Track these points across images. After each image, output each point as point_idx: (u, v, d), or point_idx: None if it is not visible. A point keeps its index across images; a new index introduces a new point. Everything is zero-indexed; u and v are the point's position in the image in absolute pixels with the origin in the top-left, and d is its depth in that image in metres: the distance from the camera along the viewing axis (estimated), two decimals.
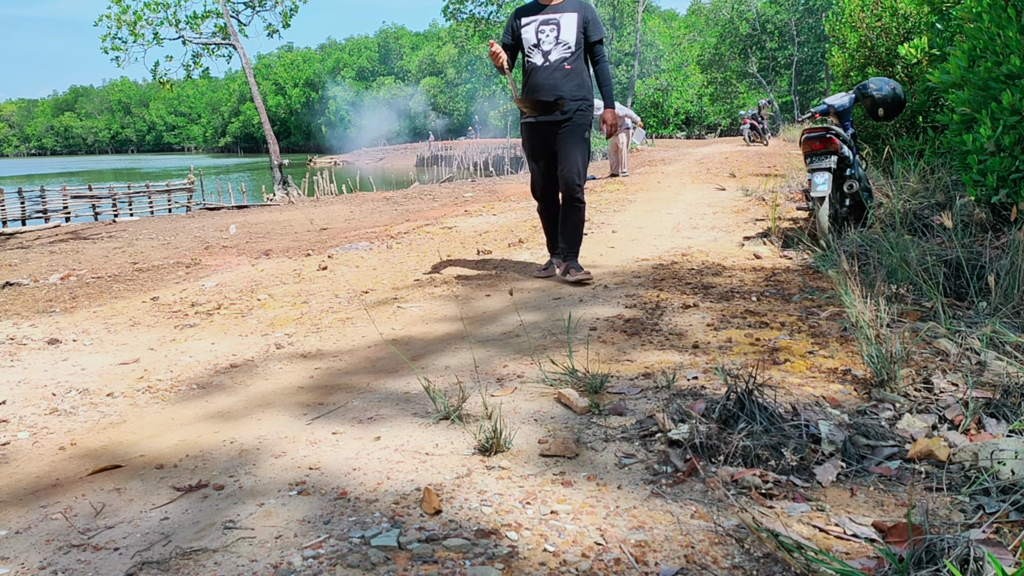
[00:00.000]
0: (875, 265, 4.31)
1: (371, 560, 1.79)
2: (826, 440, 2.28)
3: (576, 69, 4.97)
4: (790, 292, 4.49)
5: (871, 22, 8.60)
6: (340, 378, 3.28)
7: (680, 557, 1.79)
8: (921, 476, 2.12)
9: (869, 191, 5.92)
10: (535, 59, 5.01)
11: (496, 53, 4.92)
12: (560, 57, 4.95)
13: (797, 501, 2.02)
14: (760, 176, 12.29)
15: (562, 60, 4.95)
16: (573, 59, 4.96)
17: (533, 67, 5.03)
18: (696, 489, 2.12)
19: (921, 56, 7.11)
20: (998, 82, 4.47)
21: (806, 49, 41.96)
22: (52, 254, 8.88)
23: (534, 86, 5.01)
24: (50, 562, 1.90)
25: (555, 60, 4.96)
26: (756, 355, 3.27)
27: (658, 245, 6.58)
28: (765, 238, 6.48)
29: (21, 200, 23.24)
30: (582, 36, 4.96)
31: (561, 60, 4.95)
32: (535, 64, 5.02)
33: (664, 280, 5.04)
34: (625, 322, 4.00)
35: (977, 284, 3.80)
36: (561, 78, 4.95)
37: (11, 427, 2.90)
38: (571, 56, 4.95)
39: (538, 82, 5.00)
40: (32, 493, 2.32)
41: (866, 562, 1.70)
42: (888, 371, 2.73)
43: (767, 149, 21.63)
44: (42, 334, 4.37)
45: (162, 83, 28.01)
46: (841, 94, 6.02)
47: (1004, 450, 2.09)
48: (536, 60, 5.01)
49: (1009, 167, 4.42)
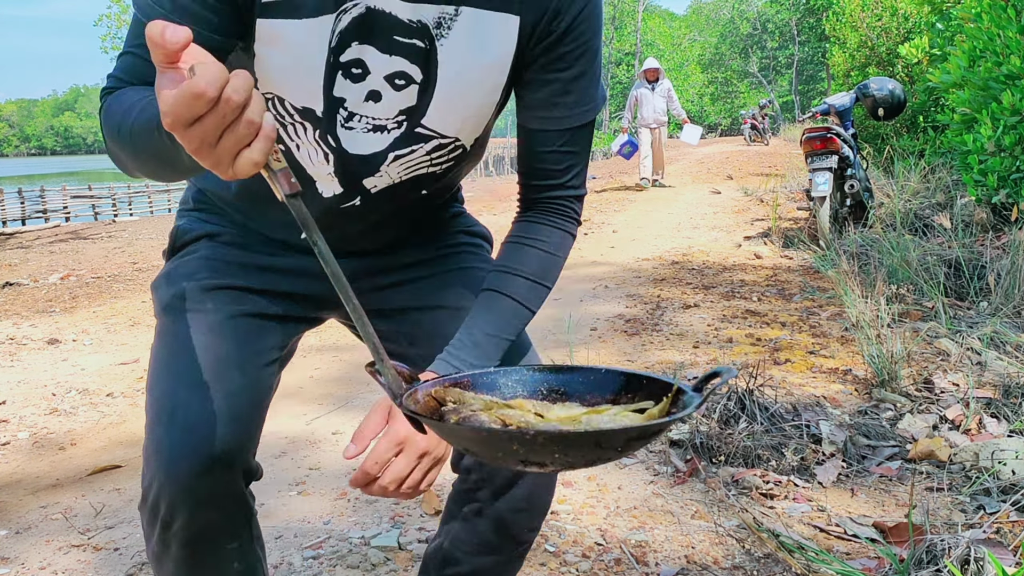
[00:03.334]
0: (876, 265, 4.31)
1: (371, 560, 1.79)
2: (827, 440, 2.27)
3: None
4: (791, 292, 4.49)
5: (871, 22, 8.60)
6: (341, 377, 3.28)
7: (680, 557, 1.79)
8: (922, 476, 2.12)
9: (870, 191, 5.92)
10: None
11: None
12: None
13: (798, 501, 2.02)
14: (761, 176, 12.29)
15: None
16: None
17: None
18: (697, 489, 2.11)
19: (921, 56, 7.11)
20: (998, 82, 4.47)
21: (807, 49, 41.97)
22: (52, 254, 8.88)
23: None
24: (50, 562, 1.90)
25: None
26: (757, 355, 3.27)
27: (658, 245, 6.58)
28: (766, 238, 6.48)
29: (21, 200, 23.24)
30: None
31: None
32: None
33: (664, 280, 5.04)
34: (626, 322, 3.99)
35: (978, 284, 3.79)
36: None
37: (11, 427, 2.90)
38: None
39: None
40: (32, 493, 2.32)
41: (867, 562, 1.70)
42: (889, 371, 2.73)
43: (768, 149, 21.64)
44: (42, 334, 4.36)
45: None
46: (842, 94, 6.02)
47: (1005, 450, 2.09)
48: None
49: (1009, 167, 4.42)
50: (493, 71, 1.04)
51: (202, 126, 0.66)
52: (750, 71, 44.76)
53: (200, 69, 0.65)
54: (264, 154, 0.70)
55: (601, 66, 1.12)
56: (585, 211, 5.29)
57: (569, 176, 1.11)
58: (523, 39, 1.03)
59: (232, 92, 0.66)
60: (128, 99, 0.89)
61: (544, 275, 1.12)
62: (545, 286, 1.12)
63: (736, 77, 46.44)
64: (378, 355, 0.81)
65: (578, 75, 1.06)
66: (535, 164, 1.11)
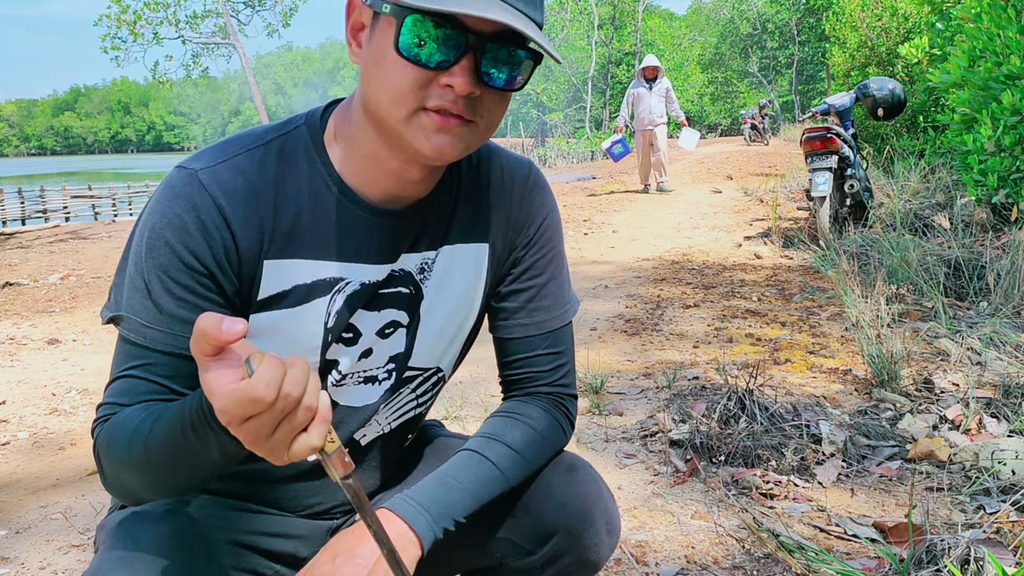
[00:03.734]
0: (875, 265, 4.31)
1: None
2: (827, 440, 2.27)
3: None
4: (791, 292, 4.49)
5: (871, 22, 8.60)
6: None
7: (680, 557, 1.79)
8: (922, 476, 2.12)
9: (870, 191, 5.92)
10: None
11: None
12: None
13: (798, 501, 2.02)
14: (761, 176, 12.29)
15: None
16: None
17: None
18: (697, 489, 2.11)
19: (921, 56, 7.11)
20: (998, 82, 4.47)
21: (807, 49, 41.97)
22: (52, 254, 8.88)
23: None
24: (50, 562, 1.90)
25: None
26: (757, 355, 3.27)
27: (658, 245, 6.58)
28: (766, 238, 6.48)
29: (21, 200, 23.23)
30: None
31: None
32: None
33: (664, 280, 5.04)
34: (626, 322, 4.00)
35: (977, 284, 3.79)
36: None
37: (11, 427, 2.90)
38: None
39: None
40: (32, 493, 2.32)
41: (867, 562, 1.70)
42: (889, 371, 2.73)
43: (768, 149, 21.64)
44: (42, 334, 4.36)
45: (162, 83, 28.04)
46: (842, 94, 6.02)
47: (1005, 450, 2.09)
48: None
49: (1009, 167, 4.42)
50: (471, 296, 1.09)
51: (259, 421, 0.67)
52: (750, 71, 44.76)
53: (258, 366, 0.65)
54: (322, 438, 0.69)
55: (568, 272, 1.16)
56: (585, 211, 5.31)
57: (559, 375, 1.12)
58: (493, 260, 1.09)
59: (291, 388, 0.66)
60: (132, 419, 0.85)
61: (527, 450, 1.07)
62: (527, 460, 1.06)
63: (736, 77, 46.44)
64: (399, 568, 0.79)
65: (549, 279, 1.12)
66: (522, 370, 1.12)
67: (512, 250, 1.10)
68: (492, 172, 1.08)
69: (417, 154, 0.90)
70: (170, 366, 0.89)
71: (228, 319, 0.65)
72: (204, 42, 27.52)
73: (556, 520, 1.05)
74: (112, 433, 0.87)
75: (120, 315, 0.90)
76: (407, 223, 1.01)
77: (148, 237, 0.90)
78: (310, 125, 0.98)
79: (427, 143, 0.87)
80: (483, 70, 0.86)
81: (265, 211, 0.93)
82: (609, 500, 1.08)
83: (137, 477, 0.85)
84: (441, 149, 0.88)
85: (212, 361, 0.66)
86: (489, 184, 1.08)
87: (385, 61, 0.87)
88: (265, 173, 0.94)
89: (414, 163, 0.93)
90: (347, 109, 0.97)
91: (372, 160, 0.95)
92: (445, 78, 0.85)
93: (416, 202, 1.00)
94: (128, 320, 0.90)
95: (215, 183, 0.91)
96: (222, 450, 0.76)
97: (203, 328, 0.64)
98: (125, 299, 0.90)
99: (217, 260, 0.90)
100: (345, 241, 0.97)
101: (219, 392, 0.65)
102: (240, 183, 0.92)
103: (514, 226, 1.09)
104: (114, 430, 0.87)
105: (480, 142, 0.92)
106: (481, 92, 0.87)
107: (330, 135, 0.98)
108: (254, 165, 0.94)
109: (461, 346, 1.13)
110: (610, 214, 8.87)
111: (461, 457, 1.05)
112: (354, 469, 0.73)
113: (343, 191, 0.96)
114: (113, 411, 0.89)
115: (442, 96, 0.86)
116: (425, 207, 1.01)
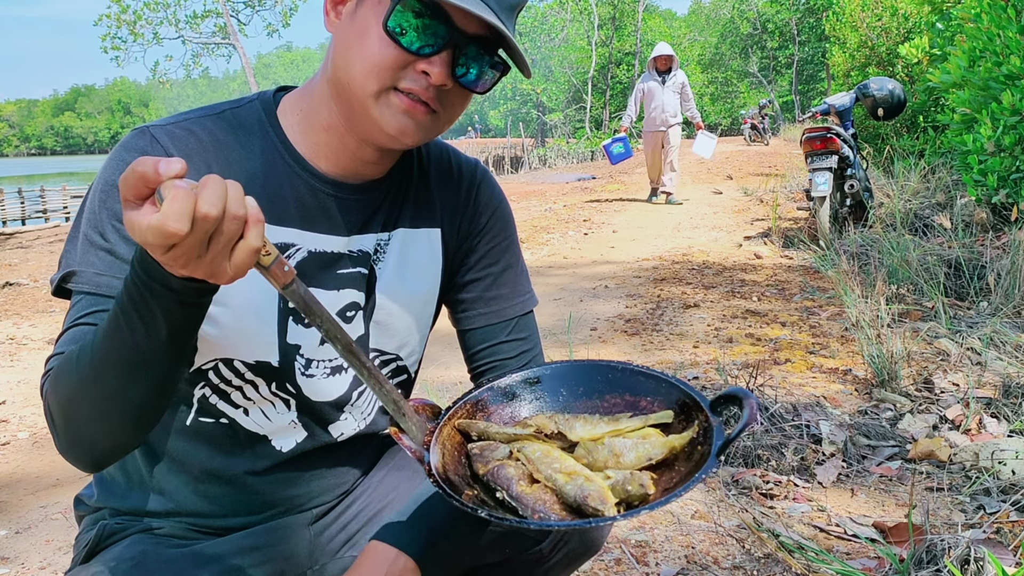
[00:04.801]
0: (876, 265, 4.31)
1: None
2: (827, 440, 2.27)
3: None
4: (791, 292, 4.49)
5: (872, 22, 8.60)
6: None
7: (681, 557, 1.79)
8: (922, 476, 2.12)
9: (870, 191, 5.92)
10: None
11: None
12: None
13: (798, 501, 2.02)
14: (761, 176, 12.30)
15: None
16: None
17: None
18: (697, 489, 2.11)
19: (922, 56, 7.11)
20: (998, 82, 4.47)
21: (807, 49, 41.96)
22: (52, 254, 8.88)
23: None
24: (50, 562, 1.90)
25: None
26: (757, 355, 3.27)
27: (659, 245, 6.58)
28: (766, 238, 6.48)
29: (21, 200, 23.24)
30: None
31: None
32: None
33: (665, 280, 5.04)
34: (626, 322, 3.99)
35: (978, 284, 3.79)
36: None
37: (11, 427, 2.90)
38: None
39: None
40: (32, 493, 2.32)
41: (867, 562, 1.70)
42: (889, 371, 2.73)
43: (768, 149, 21.64)
44: (42, 334, 4.36)
45: (162, 83, 28.04)
46: (842, 94, 6.02)
47: (1005, 450, 2.09)
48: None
49: (1009, 167, 4.42)
50: (426, 280, 1.10)
51: (183, 246, 0.65)
52: (750, 71, 44.75)
53: (169, 195, 0.63)
54: (260, 237, 0.68)
55: (525, 266, 1.18)
56: (585, 211, 5.30)
57: (526, 362, 1.12)
58: (447, 246, 1.11)
59: (208, 208, 0.64)
60: (73, 350, 0.81)
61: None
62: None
63: (736, 77, 46.42)
64: (399, 410, 0.79)
65: (505, 268, 1.14)
66: (488, 359, 1.12)
67: (465, 238, 1.12)
68: (443, 163, 1.12)
69: (379, 132, 0.92)
70: None
71: (164, 159, 0.64)
72: (204, 42, 27.52)
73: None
74: (58, 371, 0.82)
75: (72, 271, 0.89)
76: (361, 199, 1.02)
77: (101, 189, 0.91)
78: (263, 101, 1.01)
79: (392, 122, 0.91)
80: (461, 67, 0.92)
81: (216, 171, 0.93)
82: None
83: (87, 402, 0.79)
84: (403, 130, 0.91)
85: (136, 203, 0.65)
86: (440, 174, 1.11)
87: (368, 35, 0.90)
88: (217, 137, 0.97)
89: (369, 144, 0.96)
90: (308, 85, 1.00)
91: (331, 134, 0.97)
92: (423, 64, 0.89)
93: (370, 182, 1.03)
94: (81, 274, 0.88)
95: (167, 137, 0.93)
96: (167, 318, 0.72)
97: (141, 171, 0.63)
98: (79, 256, 0.89)
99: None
100: (295, 208, 0.98)
101: (139, 227, 0.64)
102: (192, 142, 0.95)
103: (464, 214, 1.11)
104: (59, 367, 0.82)
105: (437, 134, 0.96)
106: (452, 86, 0.92)
107: (284, 109, 1.01)
108: (205, 130, 0.96)
109: (419, 338, 1.12)
110: (610, 214, 8.87)
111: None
112: (296, 275, 0.72)
113: (296, 159, 0.99)
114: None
115: (416, 81, 0.89)
116: (378, 188, 1.04)
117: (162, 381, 0.79)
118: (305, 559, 1.09)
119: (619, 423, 0.87)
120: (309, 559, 1.09)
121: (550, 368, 0.94)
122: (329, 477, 1.10)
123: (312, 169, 0.99)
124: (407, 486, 1.14)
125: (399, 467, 1.19)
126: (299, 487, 1.08)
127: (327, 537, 1.11)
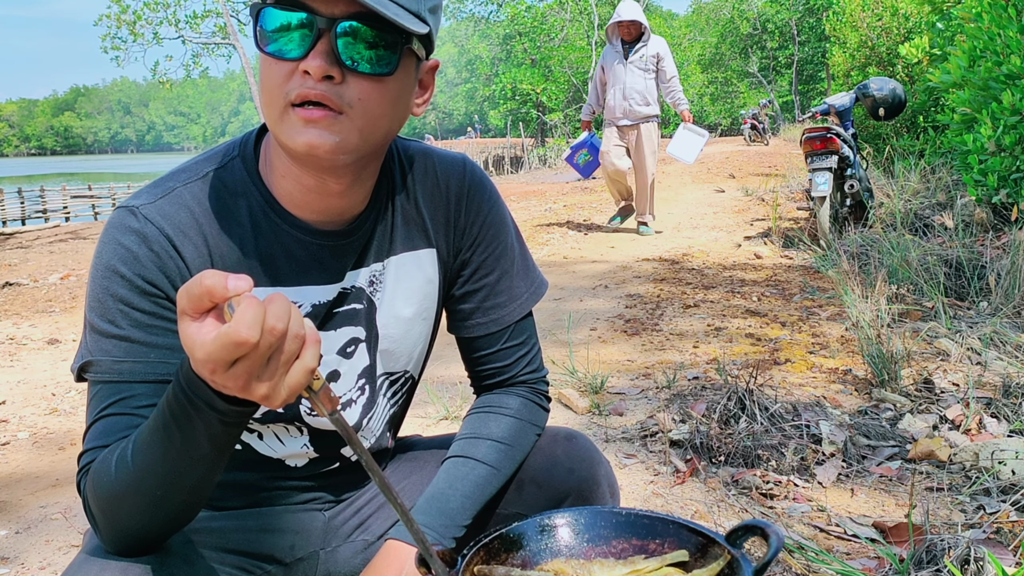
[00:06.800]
0: (876, 265, 4.31)
1: None
2: (827, 440, 2.27)
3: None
4: (791, 292, 4.49)
5: (872, 22, 8.60)
6: None
7: None
8: (922, 476, 2.12)
9: (870, 191, 5.92)
10: None
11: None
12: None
13: (798, 501, 2.02)
14: (761, 176, 12.29)
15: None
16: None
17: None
18: (697, 489, 2.11)
19: (922, 56, 7.11)
20: (998, 82, 4.47)
21: (807, 49, 41.95)
22: (52, 254, 8.88)
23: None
24: (50, 562, 1.90)
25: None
26: (757, 355, 3.27)
27: (658, 244, 6.58)
28: (766, 238, 6.48)
29: (21, 200, 23.25)
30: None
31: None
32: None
33: (665, 280, 5.04)
34: (626, 322, 3.99)
35: (978, 284, 3.79)
36: None
37: (11, 427, 2.90)
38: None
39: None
40: (32, 493, 2.32)
41: (867, 562, 1.70)
42: (889, 371, 2.73)
43: (768, 149, 21.63)
44: (42, 334, 4.36)
45: (162, 83, 28.04)
46: (842, 94, 6.02)
47: (1005, 450, 2.09)
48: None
49: (1010, 167, 4.42)
50: (425, 301, 1.10)
51: (247, 362, 0.64)
52: (750, 71, 44.72)
53: (242, 304, 0.63)
54: (316, 358, 0.68)
55: (527, 257, 1.16)
56: (585, 211, 5.29)
57: (525, 363, 1.15)
58: (443, 263, 1.10)
59: (275, 321, 0.64)
60: (113, 449, 0.83)
61: (512, 438, 1.10)
62: (514, 447, 1.09)
63: (736, 77, 46.39)
64: (427, 551, 0.78)
65: (500, 276, 1.12)
66: (489, 365, 1.14)
67: (458, 252, 1.11)
68: (427, 176, 1.07)
69: (295, 154, 0.88)
70: (149, 395, 0.87)
71: (232, 275, 0.64)
72: (204, 42, 27.50)
73: (567, 485, 1.08)
74: (96, 473, 0.83)
75: (89, 361, 0.88)
76: (350, 240, 1.00)
77: (102, 277, 0.89)
78: (244, 156, 0.97)
79: (297, 138, 0.85)
80: (343, 54, 0.83)
81: (211, 241, 0.94)
82: (607, 464, 1.13)
83: (130, 505, 0.81)
84: (311, 143, 0.84)
85: (194, 318, 0.65)
86: (426, 189, 1.07)
87: (261, 67, 0.87)
88: (206, 207, 0.94)
89: (311, 174, 0.91)
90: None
91: (293, 180, 0.94)
92: (303, 65, 0.83)
93: (355, 218, 1.00)
94: (98, 363, 0.88)
95: (159, 216, 0.91)
96: (209, 433, 0.74)
97: (209, 285, 0.63)
98: (92, 345, 0.89)
99: (173, 284, 0.90)
100: (291, 265, 0.97)
101: (201, 340, 0.64)
102: (184, 216, 0.92)
103: (456, 229, 1.09)
104: (98, 470, 0.83)
105: (361, 136, 0.87)
106: (346, 78, 0.84)
107: (264, 158, 0.98)
108: (195, 199, 0.94)
109: (424, 349, 1.15)
110: (610, 214, 8.86)
111: (448, 466, 1.07)
112: (340, 404, 0.72)
113: (282, 216, 0.96)
114: (94, 456, 0.86)
115: (302, 84, 0.83)
116: (366, 221, 1.01)
117: (207, 478, 0.81)
118: (318, 539, 1.12)
119: (636, 565, 0.86)
120: (323, 540, 1.12)
121: (557, 515, 0.92)
122: (342, 486, 1.15)
123: (298, 223, 0.96)
124: (419, 475, 1.19)
125: (411, 458, 1.23)
126: (312, 492, 1.13)
127: (340, 520, 1.15)
